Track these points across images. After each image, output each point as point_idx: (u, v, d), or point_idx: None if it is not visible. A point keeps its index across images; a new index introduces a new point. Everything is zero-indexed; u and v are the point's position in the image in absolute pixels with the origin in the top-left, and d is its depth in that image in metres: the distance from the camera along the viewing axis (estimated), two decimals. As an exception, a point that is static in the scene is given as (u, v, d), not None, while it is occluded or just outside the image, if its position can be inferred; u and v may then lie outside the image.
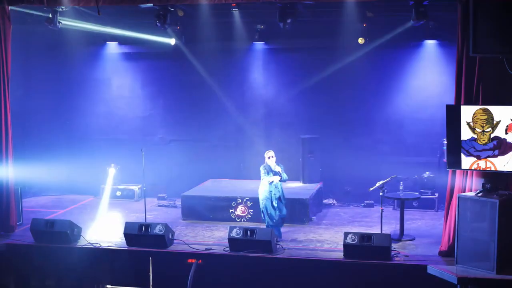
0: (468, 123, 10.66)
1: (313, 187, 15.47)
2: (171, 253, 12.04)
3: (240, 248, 11.75)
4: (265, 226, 12.56)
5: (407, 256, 11.51)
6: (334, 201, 16.19)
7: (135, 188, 16.66)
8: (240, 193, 14.44)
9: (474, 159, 10.74)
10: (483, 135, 10.65)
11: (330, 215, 15.10)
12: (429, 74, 15.76)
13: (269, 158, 12.64)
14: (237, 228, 11.93)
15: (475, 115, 10.63)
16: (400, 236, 12.67)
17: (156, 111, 17.49)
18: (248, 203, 14.19)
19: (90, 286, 12.34)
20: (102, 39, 16.95)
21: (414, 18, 13.14)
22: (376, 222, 13.39)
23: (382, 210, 12.23)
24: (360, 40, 15.39)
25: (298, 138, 16.30)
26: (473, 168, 10.85)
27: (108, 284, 12.32)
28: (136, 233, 12.16)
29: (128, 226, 12.35)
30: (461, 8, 11.05)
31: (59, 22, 14.18)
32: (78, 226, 12.76)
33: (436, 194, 15.17)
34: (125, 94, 17.63)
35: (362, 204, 15.83)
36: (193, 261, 11.76)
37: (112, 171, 16.45)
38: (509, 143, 10.53)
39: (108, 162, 16.68)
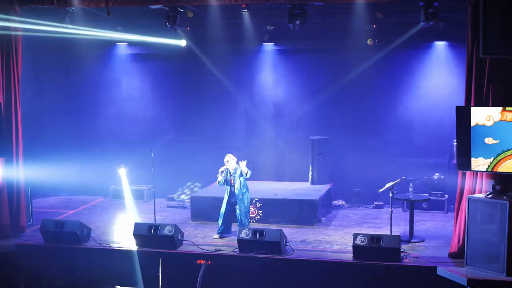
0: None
1: (322, 188, 15.44)
2: (180, 254, 12.06)
3: (249, 249, 11.76)
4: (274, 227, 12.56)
5: (417, 257, 11.48)
6: (344, 203, 16.17)
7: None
8: (250, 194, 14.41)
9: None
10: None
11: (340, 216, 15.08)
12: (439, 76, 15.72)
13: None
14: (247, 229, 11.95)
15: None
16: (410, 237, 12.64)
17: (165, 112, 17.51)
18: (258, 204, 14.19)
19: (99, 286, 12.38)
20: (112, 40, 16.98)
21: (424, 19, 13.09)
22: (385, 223, 13.38)
23: (391, 211, 12.20)
24: (369, 41, 15.39)
25: (307, 139, 16.27)
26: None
27: (117, 285, 12.34)
28: (146, 234, 12.18)
29: (137, 227, 12.37)
30: (471, 9, 11.02)
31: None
32: (87, 227, 12.82)
33: (446, 196, 15.12)
34: (134, 95, 17.67)
35: (372, 206, 15.81)
36: (202, 262, 11.77)
37: (123, 172, 16.47)
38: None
39: (117, 163, 16.72)
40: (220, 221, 13.07)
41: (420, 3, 12.95)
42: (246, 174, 13.02)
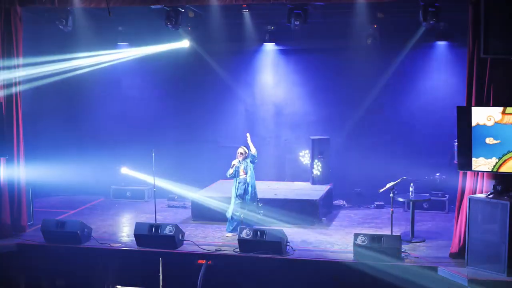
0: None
1: (323, 188, 15.43)
2: (181, 254, 12.06)
3: (250, 249, 11.75)
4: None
5: (418, 257, 11.48)
6: (344, 203, 16.16)
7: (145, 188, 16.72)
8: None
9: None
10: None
11: (340, 216, 15.07)
12: (440, 75, 15.73)
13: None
14: (247, 229, 11.94)
15: None
16: (411, 237, 12.64)
17: (166, 112, 17.49)
18: (258, 204, 14.16)
19: (100, 286, 12.35)
20: (113, 40, 16.97)
21: (424, 19, 13.09)
22: (386, 223, 13.38)
23: (392, 211, 12.20)
24: (369, 41, 15.39)
25: (307, 138, 16.27)
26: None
27: (118, 285, 12.34)
28: (146, 234, 12.18)
29: (138, 226, 12.37)
30: (472, 9, 11.03)
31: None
32: (88, 227, 12.82)
33: (447, 196, 15.11)
34: (135, 95, 17.65)
35: (373, 206, 15.80)
36: (203, 262, 11.77)
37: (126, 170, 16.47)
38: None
39: (118, 163, 16.72)
40: (229, 218, 13.15)
41: (420, 2, 12.94)
42: (254, 153, 13.17)
